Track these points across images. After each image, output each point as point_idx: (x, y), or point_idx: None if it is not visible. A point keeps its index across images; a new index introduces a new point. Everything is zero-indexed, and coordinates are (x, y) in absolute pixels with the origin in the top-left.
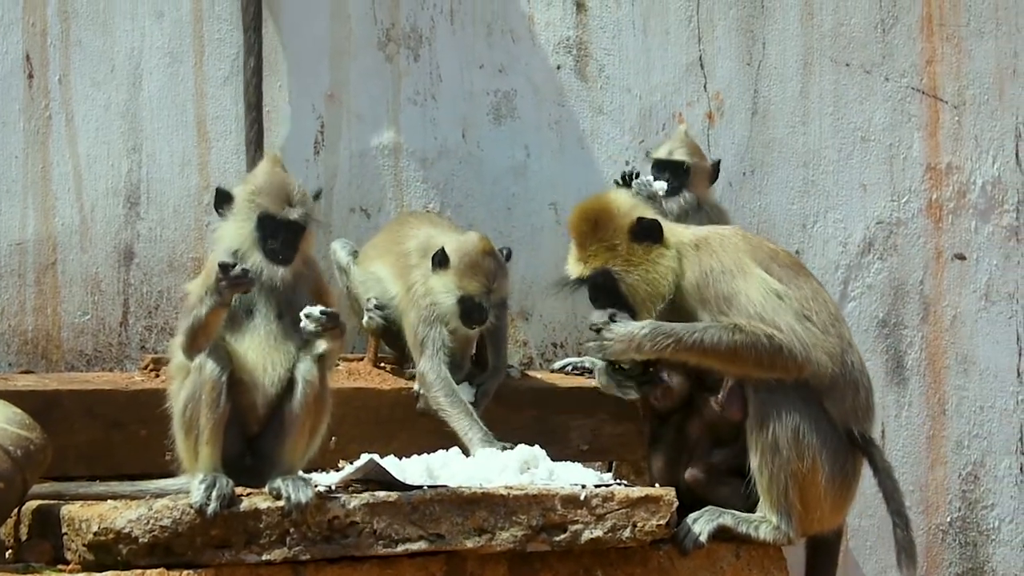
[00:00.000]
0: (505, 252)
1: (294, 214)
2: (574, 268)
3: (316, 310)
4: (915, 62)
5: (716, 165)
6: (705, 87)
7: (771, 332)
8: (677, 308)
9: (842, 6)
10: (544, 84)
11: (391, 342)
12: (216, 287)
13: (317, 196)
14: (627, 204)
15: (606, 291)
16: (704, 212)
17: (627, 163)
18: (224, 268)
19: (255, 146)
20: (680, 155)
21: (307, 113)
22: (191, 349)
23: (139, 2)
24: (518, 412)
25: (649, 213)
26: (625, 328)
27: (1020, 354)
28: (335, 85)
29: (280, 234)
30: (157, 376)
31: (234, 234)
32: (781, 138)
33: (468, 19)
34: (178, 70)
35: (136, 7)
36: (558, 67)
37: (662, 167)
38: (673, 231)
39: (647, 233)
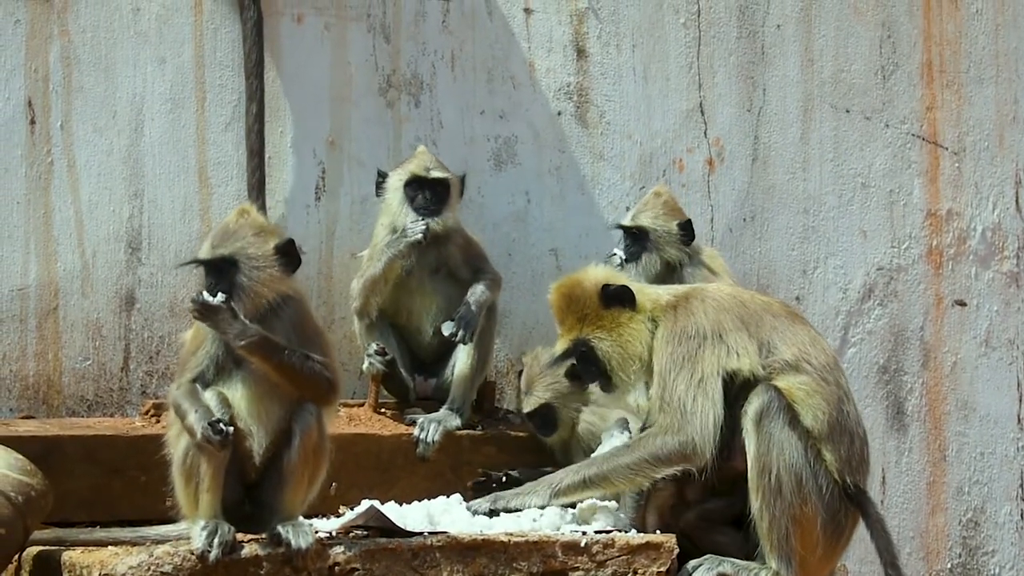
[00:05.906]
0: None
1: (205, 253)
2: (558, 343)
3: (204, 294)
4: (915, 108)
5: (685, 224)
6: (705, 133)
7: (663, 431)
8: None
9: (842, 52)
10: (545, 130)
11: (391, 388)
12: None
13: (287, 243)
14: (598, 275)
15: (588, 361)
16: (697, 265)
17: (627, 209)
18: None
19: (257, 192)
20: (642, 220)
21: (308, 159)
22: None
23: (141, 48)
24: (518, 457)
25: (621, 280)
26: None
27: (1020, 400)
28: (336, 131)
29: (209, 276)
30: (158, 422)
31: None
32: (781, 184)
33: (469, 65)
34: (180, 116)
35: (138, 53)
36: (559, 113)
37: (625, 232)
38: (648, 294)
39: (615, 298)
